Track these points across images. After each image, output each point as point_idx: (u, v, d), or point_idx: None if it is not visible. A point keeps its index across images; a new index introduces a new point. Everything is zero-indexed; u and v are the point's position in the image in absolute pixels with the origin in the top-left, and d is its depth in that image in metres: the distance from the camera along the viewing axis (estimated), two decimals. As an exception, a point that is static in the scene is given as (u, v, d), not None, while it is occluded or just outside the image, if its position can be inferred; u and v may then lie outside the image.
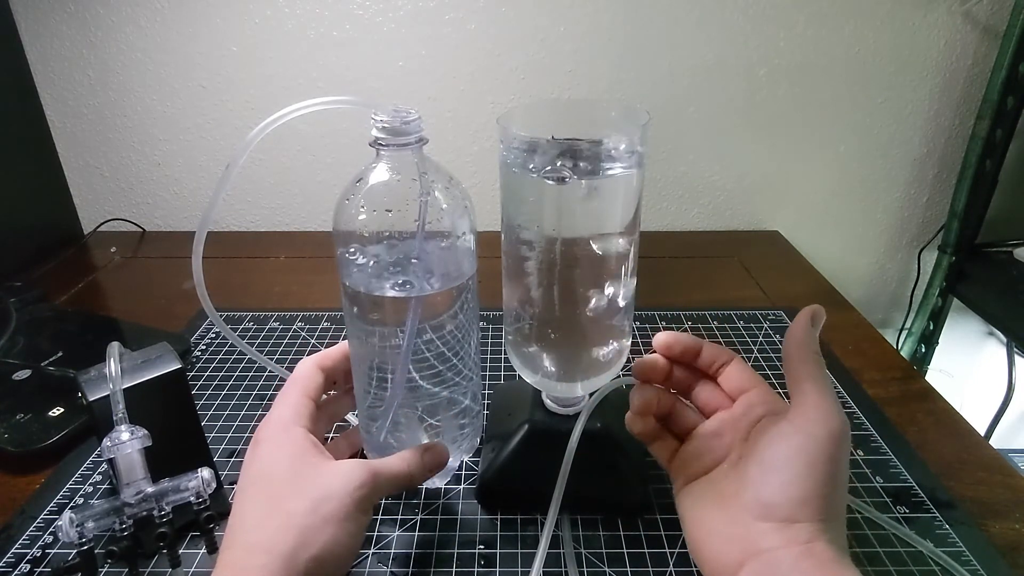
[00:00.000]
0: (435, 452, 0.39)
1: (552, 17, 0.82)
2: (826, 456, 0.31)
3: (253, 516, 0.32)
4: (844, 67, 0.85)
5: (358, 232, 0.36)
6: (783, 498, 0.31)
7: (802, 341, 0.35)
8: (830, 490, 0.31)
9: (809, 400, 0.33)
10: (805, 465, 0.31)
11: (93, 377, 0.38)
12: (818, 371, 0.34)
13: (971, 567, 0.39)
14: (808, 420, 0.32)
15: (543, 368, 0.41)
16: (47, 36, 0.82)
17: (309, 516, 0.31)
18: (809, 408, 0.32)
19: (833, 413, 0.32)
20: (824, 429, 0.32)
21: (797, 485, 0.31)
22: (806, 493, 0.31)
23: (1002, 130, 0.82)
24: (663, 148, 0.90)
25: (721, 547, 0.32)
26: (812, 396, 0.33)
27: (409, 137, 0.35)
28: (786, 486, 0.31)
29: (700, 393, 0.40)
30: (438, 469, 0.39)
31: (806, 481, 0.31)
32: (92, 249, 0.87)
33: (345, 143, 0.89)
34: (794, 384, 0.34)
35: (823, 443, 0.31)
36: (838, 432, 0.32)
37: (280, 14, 0.81)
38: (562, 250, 0.36)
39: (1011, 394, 0.93)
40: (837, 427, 0.32)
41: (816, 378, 0.34)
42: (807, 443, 0.32)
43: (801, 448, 0.32)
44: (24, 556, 0.40)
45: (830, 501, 0.31)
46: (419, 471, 0.37)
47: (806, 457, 0.31)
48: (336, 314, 0.68)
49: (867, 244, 0.97)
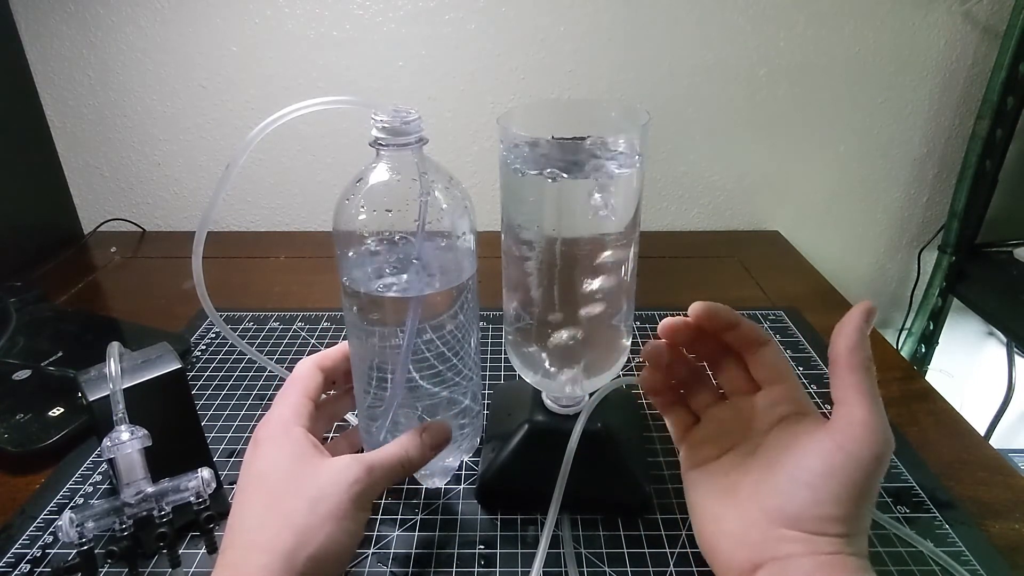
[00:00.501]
0: (434, 430, 0.38)
1: (552, 17, 0.82)
2: (866, 478, 0.30)
3: (252, 516, 0.32)
4: (844, 67, 0.85)
5: (358, 232, 0.36)
6: (813, 514, 0.30)
7: (854, 345, 0.32)
8: (863, 511, 0.30)
9: (856, 416, 0.31)
10: (843, 486, 0.30)
11: (93, 377, 0.38)
12: (868, 382, 0.31)
13: (971, 567, 0.39)
14: (853, 439, 0.30)
15: (543, 368, 0.41)
16: (47, 36, 0.82)
17: (307, 516, 0.31)
18: (856, 425, 0.30)
19: (879, 432, 0.30)
20: (869, 451, 0.30)
21: (831, 504, 0.30)
22: (838, 513, 0.30)
23: (1002, 130, 0.82)
24: (663, 148, 0.90)
25: (735, 547, 0.32)
26: (860, 412, 0.31)
27: (409, 137, 0.35)
28: (819, 504, 0.30)
29: (726, 371, 0.38)
30: (439, 448, 0.38)
31: (842, 502, 0.30)
32: (92, 249, 0.87)
33: (345, 143, 0.89)
34: (840, 393, 0.32)
35: (866, 465, 0.30)
36: (883, 454, 0.30)
37: (280, 14, 0.81)
38: (562, 250, 0.36)
39: (1011, 394, 0.93)
40: (882, 449, 0.30)
41: (866, 391, 0.31)
42: (848, 464, 0.30)
43: (841, 468, 0.30)
44: (24, 556, 0.40)
45: (861, 520, 0.30)
46: (418, 452, 0.36)
47: (846, 478, 0.30)
48: (336, 314, 0.68)
49: (867, 244, 0.97)
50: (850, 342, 0.32)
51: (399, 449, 0.36)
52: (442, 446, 0.38)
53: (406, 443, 0.36)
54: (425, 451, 0.37)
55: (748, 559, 0.31)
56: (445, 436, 0.38)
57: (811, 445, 0.31)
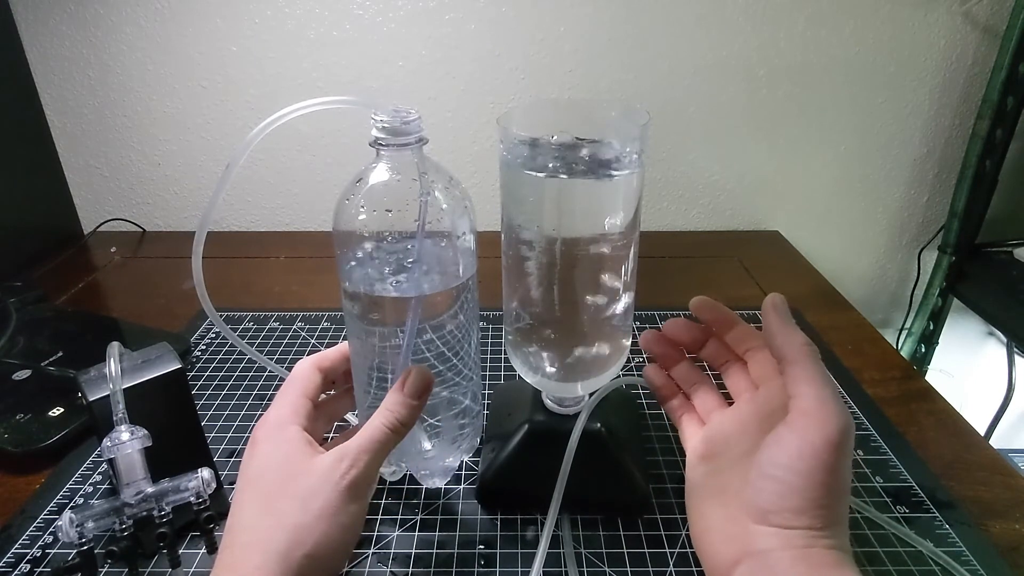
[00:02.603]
0: (413, 377, 0.36)
1: (552, 17, 0.82)
2: (823, 465, 0.30)
3: (249, 516, 0.32)
4: (844, 67, 0.85)
5: (358, 232, 0.36)
6: (779, 507, 0.31)
7: (783, 341, 0.34)
8: (830, 500, 0.30)
9: (803, 405, 0.31)
10: (801, 475, 0.30)
11: (93, 377, 0.38)
12: (812, 367, 0.32)
13: (971, 567, 0.39)
14: (805, 428, 0.31)
15: (543, 368, 0.41)
16: (47, 36, 0.82)
17: (300, 514, 0.31)
18: (805, 414, 0.31)
19: (831, 416, 0.31)
20: (821, 435, 0.30)
21: (794, 496, 0.30)
22: (803, 504, 0.30)
23: (1002, 130, 0.82)
24: (663, 148, 0.90)
25: (719, 543, 0.33)
26: (808, 399, 0.31)
27: (409, 137, 0.35)
28: (783, 496, 0.31)
29: (729, 375, 0.39)
30: (424, 393, 0.36)
31: (803, 492, 0.30)
32: (92, 249, 0.87)
33: (345, 143, 0.89)
34: (791, 387, 0.33)
35: (820, 451, 0.30)
36: (835, 438, 0.30)
37: (280, 14, 0.81)
38: (562, 250, 0.36)
39: (1011, 394, 0.93)
40: (834, 432, 0.30)
41: (809, 378, 0.32)
42: (804, 451, 0.30)
43: (798, 456, 0.30)
44: (24, 556, 0.40)
45: (829, 510, 0.30)
46: (404, 407, 0.35)
47: (803, 466, 0.30)
48: (336, 314, 0.68)
49: (867, 244, 0.98)
50: (779, 339, 0.34)
51: (383, 415, 0.35)
52: (426, 392, 0.36)
53: (389, 404, 0.35)
54: (410, 403, 0.35)
55: (730, 555, 0.32)
56: (426, 381, 0.36)
57: (774, 439, 0.32)
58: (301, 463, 0.34)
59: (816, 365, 0.33)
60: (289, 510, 0.32)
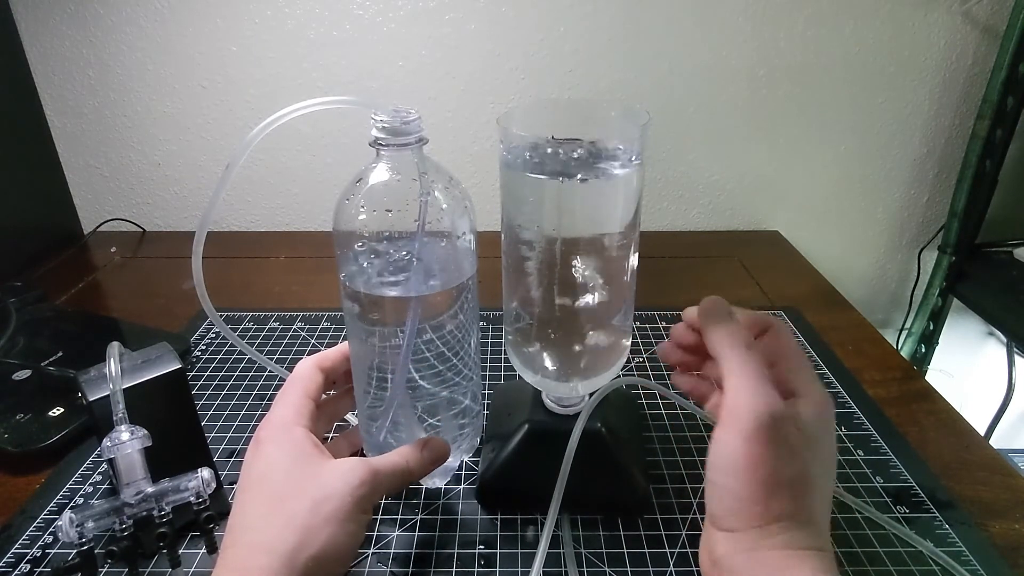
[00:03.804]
0: (433, 447, 0.38)
1: (552, 17, 0.82)
2: (747, 461, 0.28)
3: (254, 516, 0.32)
4: (844, 67, 0.85)
5: (358, 232, 0.36)
6: (721, 510, 0.30)
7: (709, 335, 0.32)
8: (763, 495, 0.28)
9: (727, 398, 0.29)
10: (729, 474, 0.29)
11: (93, 377, 0.38)
12: (732, 358, 0.30)
13: (971, 567, 0.39)
14: (725, 422, 0.29)
15: (543, 368, 0.41)
16: (47, 36, 0.82)
17: (309, 516, 0.31)
18: (727, 408, 0.29)
19: (745, 406, 0.28)
20: (736, 430, 0.28)
21: (727, 497, 0.29)
22: (735, 504, 0.29)
23: (1002, 130, 0.82)
24: (663, 148, 0.90)
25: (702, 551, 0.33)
26: (728, 394, 0.29)
27: (409, 137, 0.35)
28: (720, 498, 0.30)
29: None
30: (438, 464, 0.38)
31: (734, 491, 0.29)
32: (92, 249, 0.87)
33: (345, 143, 0.89)
34: (723, 382, 0.31)
35: (740, 447, 0.28)
36: (751, 430, 0.28)
37: (280, 14, 0.81)
38: (562, 250, 0.36)
39: (1011, 394, 0.93)
40: (749, 424, 0.28)
41: (730, 369, 0.30)
42: (726, 449, 0.29)
43: (723, 455, 0.29)
44: (24, 556, 0.40)
45: (766, 506, 0.28)
46: (418, 466, 0.37)
47: (727, 464, 0.29)
48: (336, 314, 0.68)
49: (867, 244, 0.97)
50: (709, 341, 0.33)
51: (401, 459, 0.36)
52: (441, 462, 0.39)
53: (407, 455, 0.37)
54: (425, 465, 0.37)
55: (706, 562, 0.32)
56: (444, 453, 0.39)
57: (711, 441, 0.30)
58: (311, 466, 0.34)
59: (734, 352, 0.31)
60: (300, 511, 0.32)
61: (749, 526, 0.29)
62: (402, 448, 0.37)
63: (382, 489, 0.35)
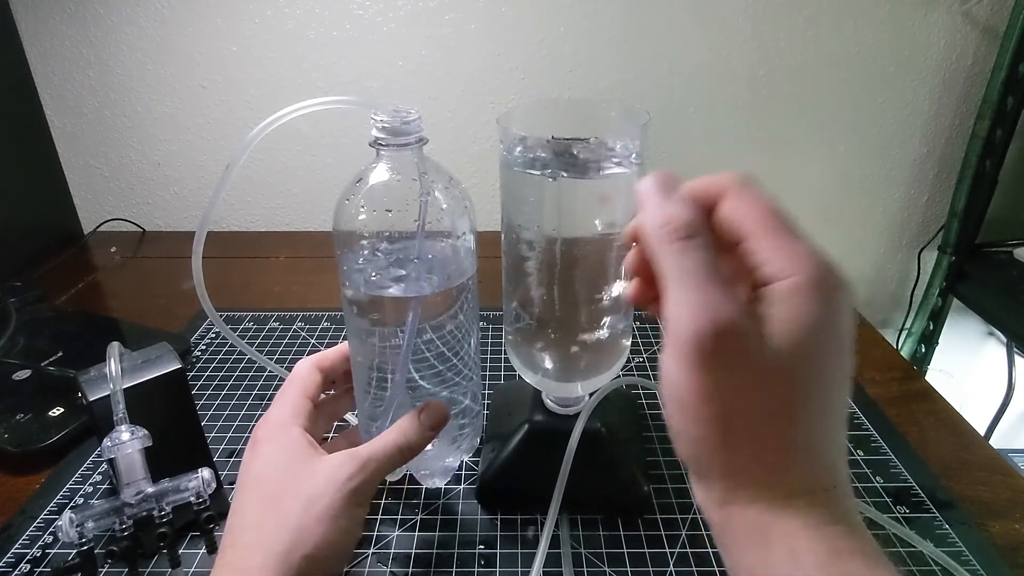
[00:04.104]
0: (431, 410, 0.37)
1: (552, 17, 0.82)
2: (692, 396, 0.22)
3: (250, 516, 0.32)
4: (844, 67, 0.85)
5: (358, 232, 0.36)
6: (681, 452, 0.24)
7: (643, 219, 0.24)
8: (721, 437, 0.22)
9: (665, 310, 0.22)
10: (675, 411, 0.23)
11: (93, 377, 0.38)
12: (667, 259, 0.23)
13: (971, 567, 0.39)
14: (666, 344, 0.22)
15: (543, 368, 0.41)
16: (47, 36, 0.82)
17: (302, 515, 0.32)
18: (667, 325, 0.22)
19: (687, 320, 0.21)
20: (675, 357, 0.22)
21: (679, 439, 0.24)
22: (692, 449, 0.23)
23: (1002, 130, 0.82)
24: (663, 148, 0.90)
25: None
26: (666, 305, 0.22)
27: (409, 137, 0.35)
28: (676, 438, 0.24)
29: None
30: (438, 429, 0.37)
31: (686, 433, 0.23)
32: (92, 249, 0.87)
33: (345, 143, 0.89)
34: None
35: (682, 378, 0.22)
36: (693, 355, 0.21)
37: (280, 14, 0.81)
38: (562, 250, 0.36)
39: (1011, 394, 0.93)
40: (689, 347, 0.21)
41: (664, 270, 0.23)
42: (669, 378, 0.23)
43: (666, 385, 0.23)
44: (24, 556, 0.40)
45: (729, 453, 0.22)
46: (417, 436, 0.36)
47: (673, 397, 0.23)
48: (336, 314, 0.68)
49: (867, 244, 0.97)
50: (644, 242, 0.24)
51: (397, 435, 0.36)
52: (441, 426, 0.37)
53: (404, 426, 0.36)
54: (424, 432, 0.36)
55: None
56: (443, 416, 0.37)
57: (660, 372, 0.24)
58: (305, 464, 0.34)
59: (665, 250, 0.23)
60: (292, 510, 0.32)
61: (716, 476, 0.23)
62: (399, 422, 0.36)
63: (377, 475, 0.34)
